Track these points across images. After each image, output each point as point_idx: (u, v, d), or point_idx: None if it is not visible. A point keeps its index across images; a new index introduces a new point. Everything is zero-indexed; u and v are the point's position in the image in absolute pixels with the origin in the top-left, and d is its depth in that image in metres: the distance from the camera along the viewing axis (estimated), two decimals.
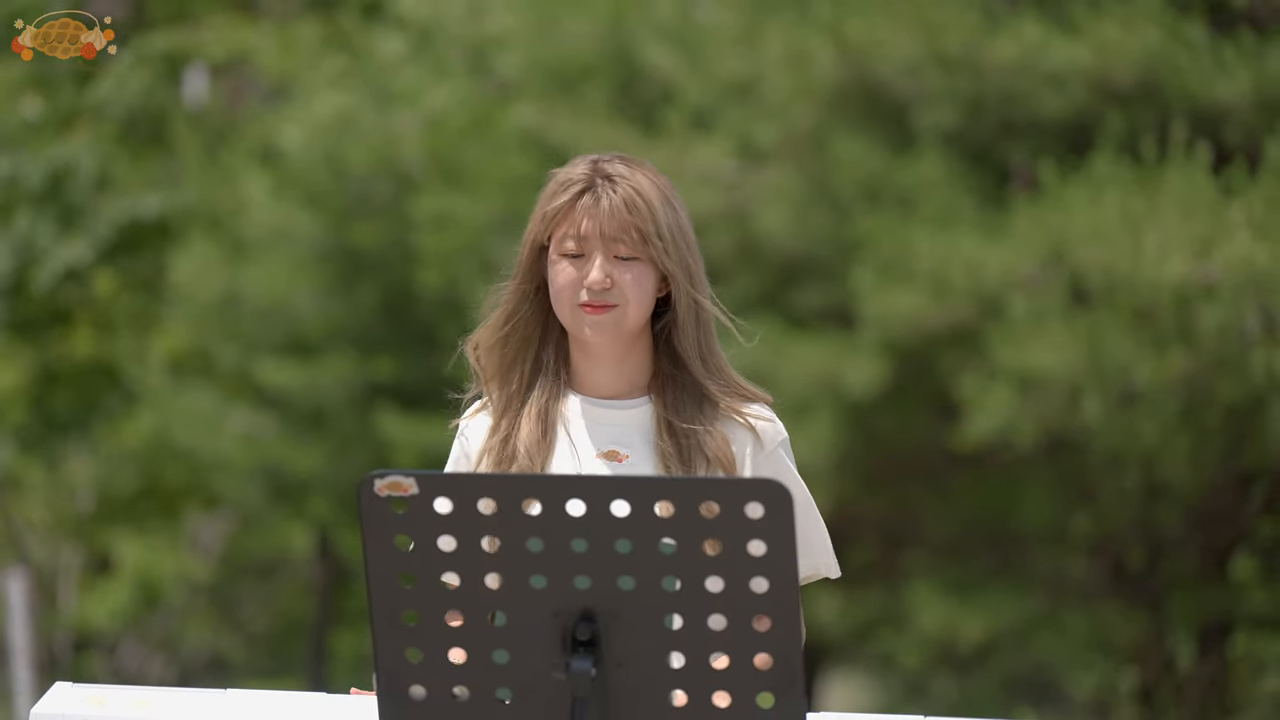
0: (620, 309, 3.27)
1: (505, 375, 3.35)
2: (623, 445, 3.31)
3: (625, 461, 3.30)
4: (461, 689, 2.77)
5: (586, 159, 3.35)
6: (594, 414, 3.33)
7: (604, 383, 3.33)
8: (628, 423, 3.32)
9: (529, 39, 11.11)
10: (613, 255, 3.27)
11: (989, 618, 10.07)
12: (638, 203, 3.28)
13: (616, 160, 3.34)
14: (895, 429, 9.91)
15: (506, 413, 3.33)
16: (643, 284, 3.27)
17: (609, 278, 3.26)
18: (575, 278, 3.27)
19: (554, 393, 3.33)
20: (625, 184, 3.30)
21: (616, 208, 3.28)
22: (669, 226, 3.29)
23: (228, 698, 3.16)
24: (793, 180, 9.69)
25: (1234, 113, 9.11)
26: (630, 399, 3.33)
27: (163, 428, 13.99)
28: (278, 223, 12.59)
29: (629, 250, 3.27)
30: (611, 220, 3.27)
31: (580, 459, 3.30)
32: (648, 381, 3.34)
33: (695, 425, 3.29)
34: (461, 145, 11.67)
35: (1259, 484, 10.17)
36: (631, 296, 3.27)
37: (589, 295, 3.26)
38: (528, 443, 3.30)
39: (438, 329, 12.27)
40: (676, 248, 3.29)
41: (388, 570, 2.76)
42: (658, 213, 3.29)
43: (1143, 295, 8.70)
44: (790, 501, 2.68)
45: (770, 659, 2.72)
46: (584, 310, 3.27)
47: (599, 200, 3.29)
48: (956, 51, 9.35)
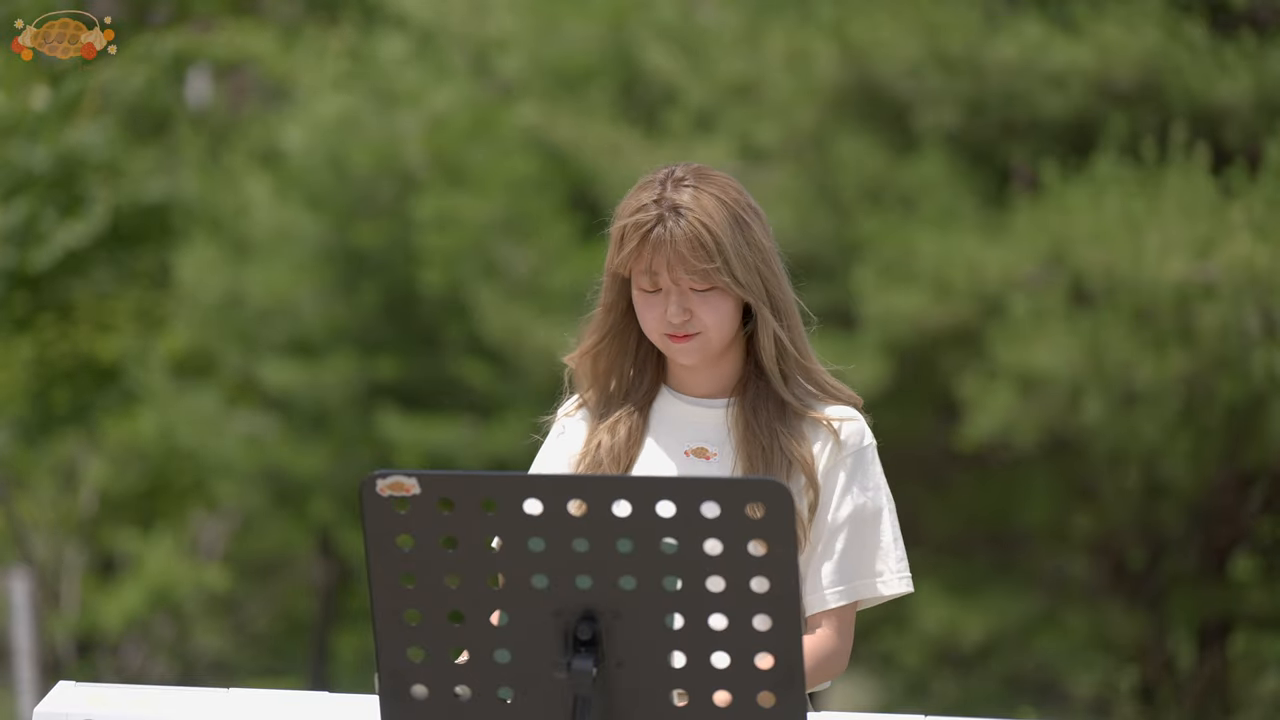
0: (703, 335, 3.33)
1: (604, 382, 3.42)
2: (711, 443, 3.37)
3: (714, 459, 3.36)
4: (463, 688, 2.78)
5: (657, 178, 3.37)
6: (685, 412, 3.39)
7: (699, 383, 3.40)
8: (716, 421, 3.38)
9: (531, 40, 11.12)
10: (687, 288, 3.31)
11: (990, 617, 10.07)
12: (704, 239, 3.31)
13: (686, 180, 3.36)
14: (896, 429, 9.91)
15: (605, 417, 3.41)
16: (720, 310, 3.33)
17: (687, 310, 3.31)
18: (658, 313, 3.33)
19: (650, 394, 3.42)
20: (691, 216, 3.32)
21: (682, 247, 3.31)
22: (737, 252, 3.33)
23: (230, 697, 3.17)
24: (794, 181, 9.69)
25: (1234, 113, 9.12)
26: (720, 398, 3.39)
27: (166, 428, 14.00)
28: (280, 223, 12.60)
29: (702, 284, 3.31)
30: (679, 259, 3.30)
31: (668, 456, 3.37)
32: (739, 380, 3.40)
33: (774, 426, 3.34)
34: (464, 146, 11.67)
35: (1259, 484, 10.18)
36: (710, 323, 3.33)
37: (670, 328, 3.32)
38: (620, 442, 3.38)
39: (440, 329, 12.27)
40: (748, 271, 3.33)
41: (390, 570, 2.77)
42: (724, 243, 3.32)
43: (1143, 295, 8.70)
44: (790, 501, 2.69)
45: (771, 659, 2.73)
46: (670, 340, 3.34)
47: (665, 237, 3.32)
48: (958, 52, 9.35)
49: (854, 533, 3.33)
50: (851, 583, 3.33)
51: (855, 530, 3.33)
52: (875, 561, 3.35)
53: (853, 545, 3.33)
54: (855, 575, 3.34)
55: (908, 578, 3.37)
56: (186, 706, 3.15)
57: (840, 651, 3.33)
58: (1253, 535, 10.54)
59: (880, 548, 3.35)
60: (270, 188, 12.74)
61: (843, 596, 3.32)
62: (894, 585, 3.36)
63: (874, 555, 3.35)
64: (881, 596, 3.36)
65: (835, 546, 3.32)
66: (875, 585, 3.34)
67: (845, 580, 3.32)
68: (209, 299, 13.09)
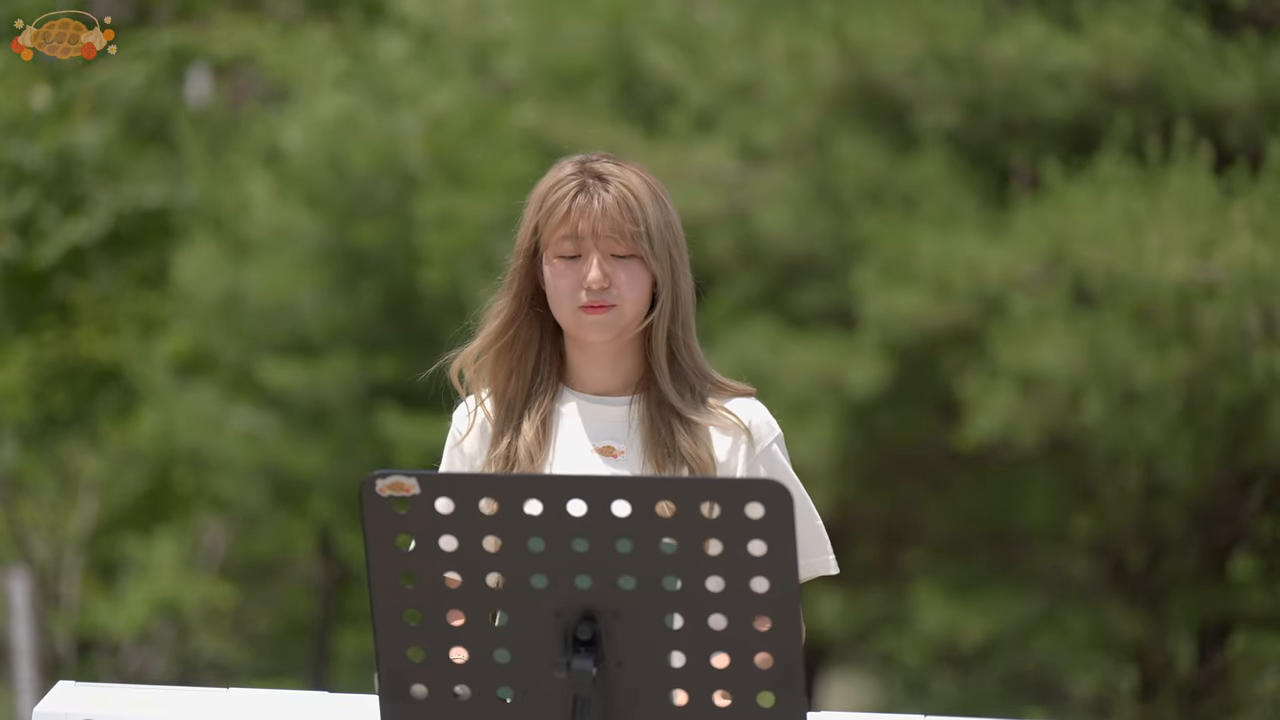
0: (618, 309, 3.29)
1: (504, 385, 3.37)
2: (618, 440, 3.33)
3: (620, 457, 3.32)
4: (463, 688, 2.78)
5: (573, 160, 3.38)
6: (590, 410, 3.35)
7: (599, 379, 3.36)
8: (621, 418, 3.34)
9: (531, 40, 11.12)
10: (609, 254, 3.29)
11: (990, 617, 10.07)
12: (630, 201, 3.31)
13: (604, 159, 3.36)
14: (896, 429, 9.91)
15: (508, 421, 3.36)
16: (638, 282, 3.30)
17: (606, 277, 3.28)
18: (574, 279, 3.29)
19: (552, 394, 3.36)
20: (617, 182, 3.32)
21: (609, 206, 3.30)
22: (657, 224, 3.32)
23: (229, 697, 3.17)
24: (794, 181, 9.69)
25: (1236, 113, 9.12)
26: (624, 395, 3.35)
27: (166, 427, 14.00)
28: (280, 223, 12.60)
29: (624, 248, 3.29)
30: (605, 219, 3.29)
31: (574, 456, 3.32)
32: (640, 378, 3.36)
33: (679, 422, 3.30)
34: (463, 146, 11.67)
35: (1259, 484, 10.18)
36: (628, 295, 3.29)
37: (588, 296, 3.28)
38: (528, 445, 3.32)
39: (440, 329, 12.26)
40: (664, 245, 3.32)
41: (389, 570, 2.77)
42: (649, 210, 3.31)
43: (1144, 295, 8.70)
44: (790, 502, 2.69)
45: (770, 658, 2.73)
46: (584, 312, 3.29)
47: (592, 200, 3.31)
48: (958, 51, 9.35)
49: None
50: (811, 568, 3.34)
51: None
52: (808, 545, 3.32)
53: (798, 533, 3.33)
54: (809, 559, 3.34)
55: (834, 558, 3.37)
56: (186, 706, 3.15)
57: None
58: (1253, 535, 10.54)
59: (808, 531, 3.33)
60: (270, 187, 12.74)
61: None
62: (826, 566, 3.36)
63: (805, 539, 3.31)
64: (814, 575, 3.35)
65: None
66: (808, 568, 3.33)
67: None
68: (209, 298, 13.09)
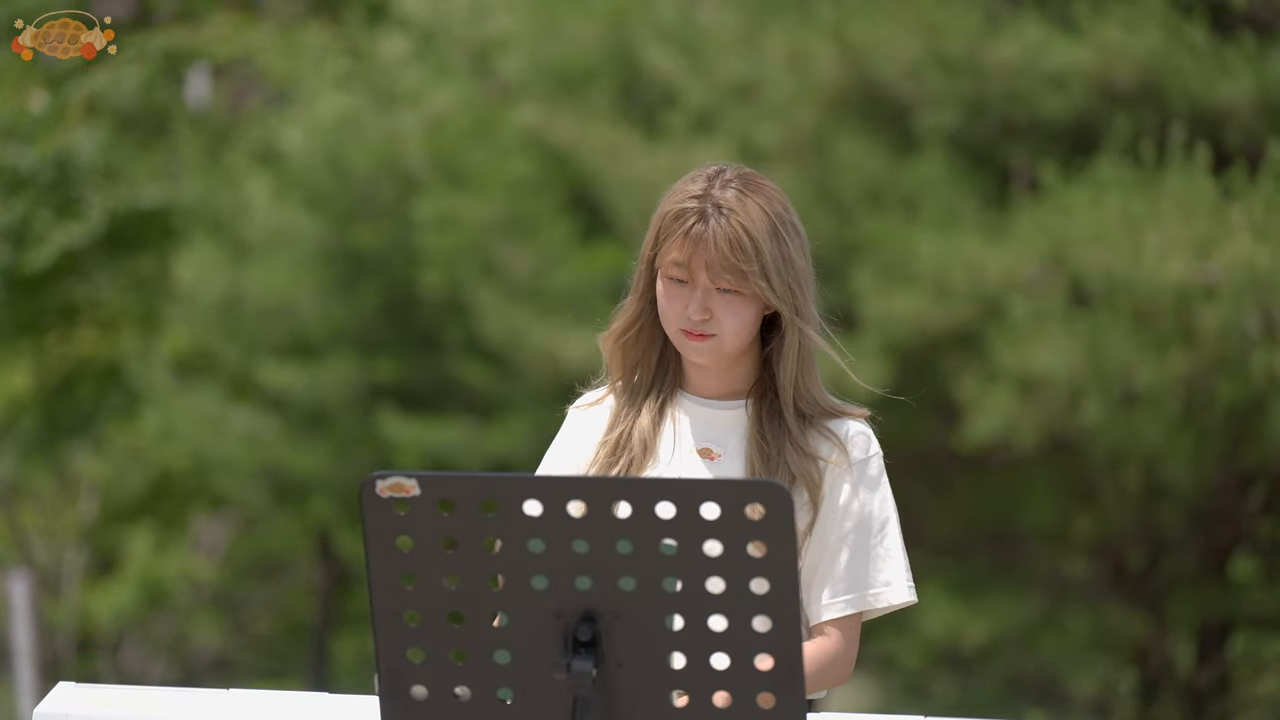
0: (718, 339, 3.32)
1: (629, 374, 3.42)
2: (717, 444, 3.37)
3: (718, 459, 3.36)
4: (463, 689, 2.78)
5: (705, 174, 3.35)
6: (698, 412, 3.39)
7: (710, 385, 3.40)
8: (725, 423, 3.37)
9: (531, 41, 11.12)
10: (716, 287, 3.30)
11: (990, 618, 10.07)
12: (744, 241, 3.28)
13: (733, 183, 3.33)
14: (897, 430, 9.91)
15: (629, 407, 3.41)
16: (741, 316, 3.31)
17: (708, 310, 3.30)
18: (679, 306, 3.31)
19: (670, 391, 3.41)
20: (734, 218, 3.29)
21: (721, 245, 3.28)
22: (774, 262, 3.30)
23: (229, 698, 3.17)
24: (794, 182, 9.69)
25: (1235, 115, 9.12)
26: (732, 400, 3.38)
27: (166, 428, 14.00)
28: (280, 224, 12.60)
29: (732, 284, 3.29)
30: (716, 256, 3.28)
31: (678, 454, 3.37)
32: (751, 386, 3.38)
33: (783, 434, 3.33)
34: (464, 146, 11.68)
35: (1259, 484, 10.18)
36: (728, 328, 3.31)
37: (689, 322, 3.31)
38: (643, 432, 3.38)
39: (440, 330, 12.27)
40: (783, 282, 3.31)
41: (389, 571, 2.77)
42: (763, 250, 3.29)
43: (1143, 296, 8.70)
44: (790, 502, 2.69)
45: (770, 659, 2.73)
46: (685, 336, 3.32)
47: (706, 230, 3.29)
48: (958, 53, 9.35)
49: (859, 541, 3.32)
50: (857, 592, 3.33)
51: (860, 539, 3.32)
52: (881, 571, 3.33)
53: (858, 554, 3.32)
54: (861, 585, 3.32)
55: (912, 587, 3.36)
56: (186, 707, 3.15)
57: (843, 659, 3.33)
58: (1253, 536, 10.54)
59: (885, 557, 3.34)
60: (270, 188, 12.74)
61: (849, 606, 3.31)
62: (899, 595, 3.35)
63: (880, 564, 3.33)
64: (887, 606, 3.35)
65: (841, 555, 3.31)
66: (880, 595, 3.33)
67: (851, 590, 3.32)
68: (209, 299, 13.09)
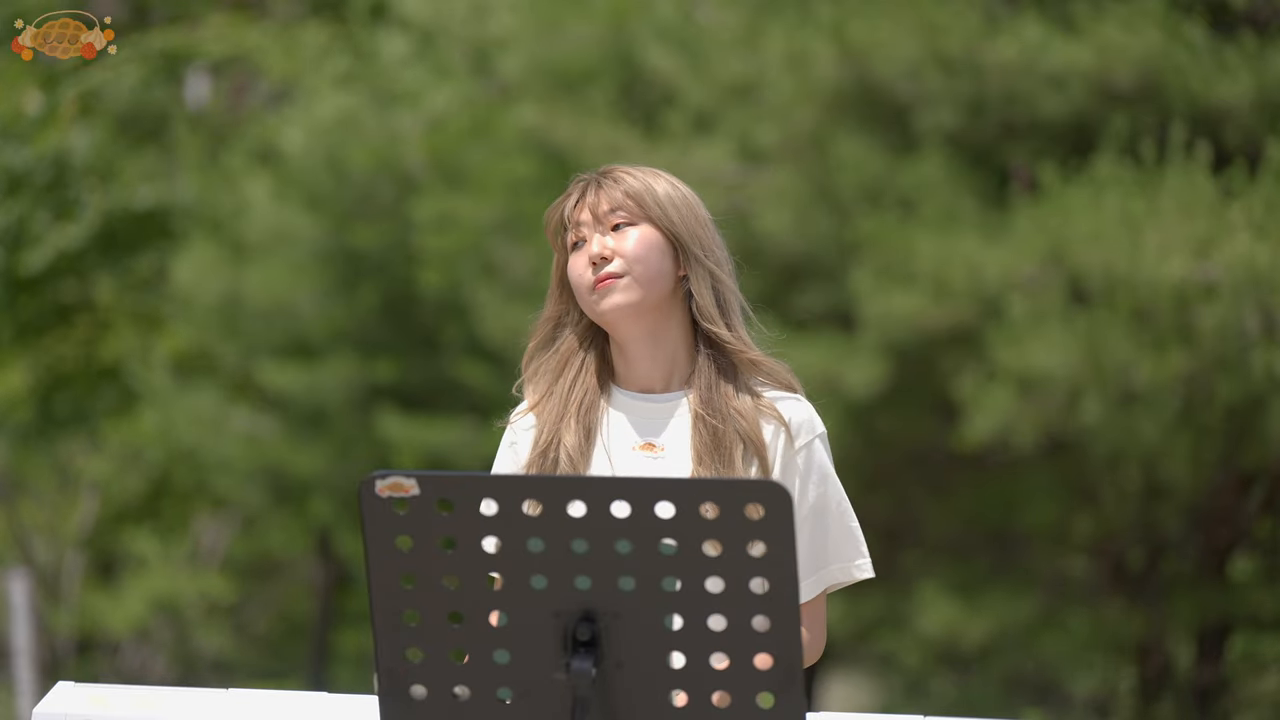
0: (627, 277, 3.30)
1: (550, 386, 3.39)
2: (659, 438, 3.34)
3: (661, 453, 3.33)
4: (462, 689, 2.78)
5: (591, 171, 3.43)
6: (634, 408, 3.36)
7: (643, 376, 3.37)
8: (665, 415, 3.35)
9: (531, 41, 11.11)
10: (610, 226, 3.30)
11: (990, 618, 10.07)
12: (631, 181, 3.33)
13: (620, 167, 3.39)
14: (896, 430, 9.91)
15: (550, 421, 3.37)
16: (645, 242, 3.31)
17: (606, 247, 3.30)
18: (581, 261, 3.32)
19: (596, 395, 3.37)
20: (621, 173, 3.35)
21: (607, 189, 3.34)
22: (669, 195, 3.32)
23: (229, 697, 3.17)
24: (793, 182, 9.69)
25: (1234, 114, 9.12)
26: (668, 393, 3.36)
27: (166, 428, 14.00)
28: (279, 224, 12.60)
29: (626, 217, 3.30)
30: (603, 199, 3.33)
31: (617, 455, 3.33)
32: (687, 376, 3.36)
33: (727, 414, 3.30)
34: (463, 147, 11.67)
35: (1259, 484, 10.18)
36: (632, 253, 3.30)
37: (593, 272, 3.29)
38: (571, 447, 3.33)
39: (439, 331, 12.28)
40: (680, 214, 3.32)
41: (389, 571, 2.77)
42: (655, 186, 3.33)
43: (1142, 296, 8.70)
44: (790, 502, 2.69)
45: (770, 659, 2.73)
46: (596, 289, 3.30)
47: (589, 191, 3.36)
48: (957, 53, 9.35)
49: (818, 524, 3.33)
50: (818, 573, 3.34)
51: (819, 521, 3.33)
52: (840, 548, 3.34)
53: (817, 536, 3.33)
54: (821, 564, 3.34)
55: (869, 561, 3.37)
56: (186, 706, 3.15)
57: (815, 641, 3.33)
58: (1252, 536, 10.54)
59: (842, 534, 3.35)
60: (269, 188, 12.74)
61: (813, 588, 3.32)
62: (862, 571, 3.36)
63: (838, 542, 3.34)
64: (850, 580, 3.36)
65: (800, 540, 3.30)
66: (842, 571, 3.35)
67: (813, 571, 3.33)
68: (208, 299, 13.09)
